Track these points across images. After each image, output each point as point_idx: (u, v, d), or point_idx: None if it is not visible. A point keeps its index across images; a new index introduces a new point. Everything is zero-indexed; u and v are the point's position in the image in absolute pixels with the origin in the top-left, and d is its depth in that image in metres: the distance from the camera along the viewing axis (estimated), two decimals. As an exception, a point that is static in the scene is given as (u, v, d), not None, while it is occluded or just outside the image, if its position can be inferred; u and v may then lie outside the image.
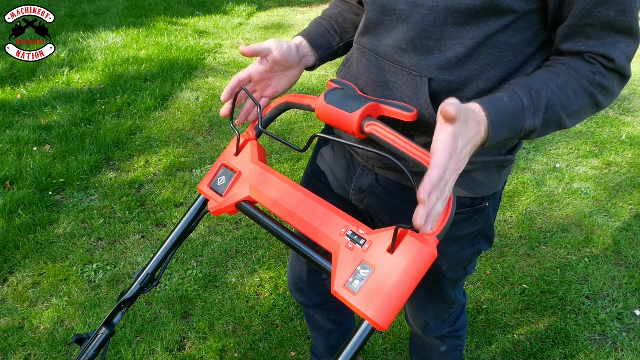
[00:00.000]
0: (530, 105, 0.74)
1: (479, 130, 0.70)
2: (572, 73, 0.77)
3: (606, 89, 0.79)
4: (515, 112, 0.74)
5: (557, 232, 2.36)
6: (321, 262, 0.82)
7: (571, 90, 0.76)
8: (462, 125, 0.66)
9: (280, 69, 0.94)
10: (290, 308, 1.94)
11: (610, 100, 0.82)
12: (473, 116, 0.69)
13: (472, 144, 0.69)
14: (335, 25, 1.04)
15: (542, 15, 0.78)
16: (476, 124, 0.69)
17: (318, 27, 1.03)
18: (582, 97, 0.78)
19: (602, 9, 0.72)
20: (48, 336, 1.78)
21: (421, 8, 0.78)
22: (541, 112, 0.75)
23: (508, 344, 1.82)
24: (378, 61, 0.88)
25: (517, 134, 0.76)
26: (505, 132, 0.74)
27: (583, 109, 0.80)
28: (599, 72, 0.77)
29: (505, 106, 0.73)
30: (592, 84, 0.77)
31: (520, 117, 0.74)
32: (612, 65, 0.76)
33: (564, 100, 0.76)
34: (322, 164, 1.12)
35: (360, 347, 0.74)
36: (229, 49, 4.60)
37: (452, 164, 0.65)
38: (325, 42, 1.02)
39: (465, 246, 1.02)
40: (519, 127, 0.75)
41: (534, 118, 0.75)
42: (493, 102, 0.73)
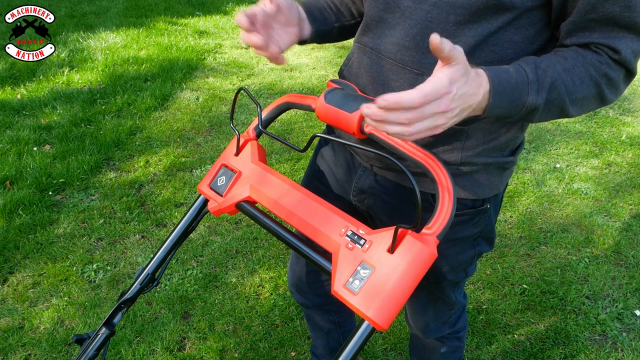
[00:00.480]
0: (534, 80, 0.73)
1: (477, 92, 0.67)
2: (580, 59, 0.75)
3: (612, 80, 0.77)
4: (518, 84, 0.72)
5: (557, 232, 2.36)
6: (321, 262, 0.82)
7: (577, 75, 0.75)
8: (461, 74, 0.63)
9: (283, 19, 0.88)
10: (290, 308, 1.94)
11: (615, 94, 0.81)
12: (474, 75, 0.66)
13: (466, 101, 0.66)
14: (332, 4, 1.02)
15: (545, 12, 0.78)
16: (476, 84, 0.67)
17: (315, 1, 1.00)
18: (588, 85, 0.76)
19: (606, 4, 0.71)
20: (48, 336, 1.78)
21: (425, 4, 0.78)
22: (544, 91, 0.73)
23: (508, 344, 1.82)
24: (380, 59, 0.87)
25: (518, 110, 0.74)
26: (505, 104, 0.72)
27: (587, 98, 0.78)
28: (605, 62, 0.75)
29: (510, 77, 0.71)
30: (598, 72, 0.76)
31: (523, 91, 0.72)
32: (617, 56, 0.75)
33: (569, 84, 0.75)
34: (322, 164, 1.12)
35: (360, 347, 0.74)
36: (229, 49, 4.60)
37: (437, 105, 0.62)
38: (322, 17, 0.99)
39: (465, 248, 1.02)
40: (521, 102, 0.73)
41: (537, 95, 0.73)
42: (498, 70, 0.71)
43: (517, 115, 0.76)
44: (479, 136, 0.87)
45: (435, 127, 0.65)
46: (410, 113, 0.62)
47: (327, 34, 1.00)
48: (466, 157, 0.87)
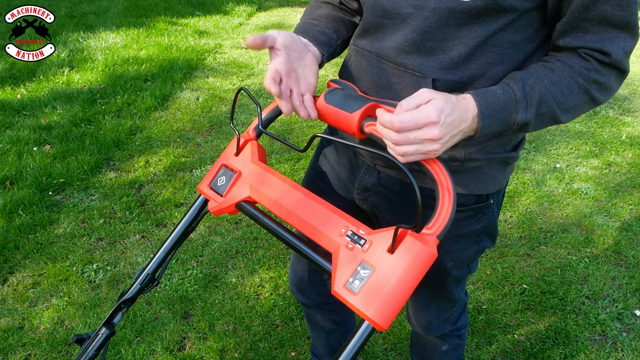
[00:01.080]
0: (522, 98, 0.75)
1: (466, 117, 0.73)
2: (567, 69, 0.77)
3: (602, 84, 0.79)
4: (507, 104, 0.75)
5: (557, 232, 2.36)
6: (321, 262, 0.82)
7: (565, 86, 0.77)
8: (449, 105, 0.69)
9: (296, 55, 0.88)
10: (290, 308, 1.94)
11: (608, 95, 0.82)
12: (463, 103, 0.72)
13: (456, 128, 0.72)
14: (328, 24, 1.00)
15: (542, 12, 0.79)
16: (463, 109, 0.72)
17: (312, 26, 0.99)
18: (577, 94, 0.78)
19: (598, 4, 0.73)
20: (48, 336, 1.78)
21: (424, 10, 0.78)
22: (533, 107, 0.76)
23: (508, 344, 1.82)
24: (380, 63, 0.88)
25: (510, 127, 0.78)
26: (496, 124, 0.76)
27: (579, 105, 0.80)
28: (593, 69, 0.77)
29: (497, 98, 0.75)
30: (586, 80, 0.78)
31: (512, 110, 0.76)
32: (608, 59, 0.76)
33: (557, 96, 0.77)
34: (324, 164, 1.12)
35: (360, 347, 0.74)
36: (229, 49, 4.60)
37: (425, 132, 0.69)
38: (327, 39, 0.98)
39: (469, 244, 1.02)
40: (511, 120, 0.76)
41: (526, 112, 0.76)
42: (485, 93, 0.75)
43: (509, 131, 0.79)
44: None
45: (428, 152, 0.71)
46: (394, 135, 0.70)
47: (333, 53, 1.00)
48: (470, 153, 0.88)
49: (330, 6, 1.03)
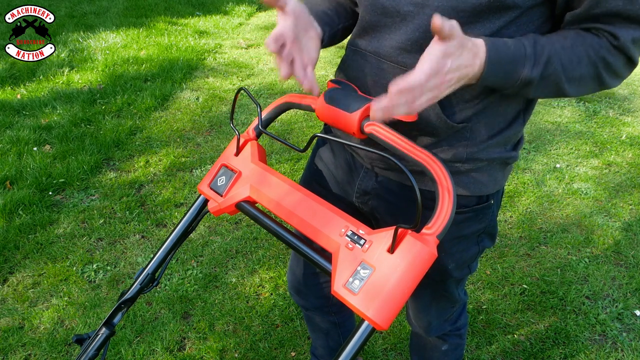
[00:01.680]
0: (532, 54, 0.75)
1: (473, 63, 0.72)
2: (579, 39, 0.77)
3: (610, 65, 0.78)
4: (515, 57, 0.74)
5: (557, 232, 2.36)
6: (321, 262, 0.82)
7: (575, 54, 0.77)
8: (456, 48, 0.68)
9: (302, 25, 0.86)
10: (290, 308, 1.94)
11: (615, 80, 0.82)
12: (471, 46, 0.70)
13: (461, 72, 0.71)
14: (331, 6, 0.99)
15: (546, 8, 0.78)
16: (472, 55, 0.71)
17: (315, 6, 0.96)
18: (586, 65, 0.78)
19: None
20: (48, 336, 1.78)
21: (427, 8, 0.78)
22: (540, 65, 0.75)
23: (508, 344, 1.82)
24: (380, 63, 0.87)
25: (513, 82, 0.77)
26: (500, 74, 0.75)
27: (584, 79, 0.79)
28: (605, 46, 0.77)
29: (507, 49, 0.74)
30: (597, 55, 0.77)
31: (519, 63, 0.75)
32: (616, 42, 0.76)
33: (565, 61, 0.76)
34: (321, 166, 1.12)
35: (360, 347, 0.74)
36: (229, 49, 4.60)
37: (435, 79, 0.68)
38: (329, 20, 0.96)
39: (470, 244, 1.02)
40: (516, 74, 0.75)
41: (533, 69, 0.75)
42: (496, 41, 0.74)
43: (511, 88, 0.78)
44: (483, 132, 0.88)
45: (434, 97, 0.71)
46: (416, 91, 0.68)
47: (334, 37, 0.99)
48: (471, 153, 0.88)
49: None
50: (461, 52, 0.69)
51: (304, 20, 0.85)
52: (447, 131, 0.86)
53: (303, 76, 0.83)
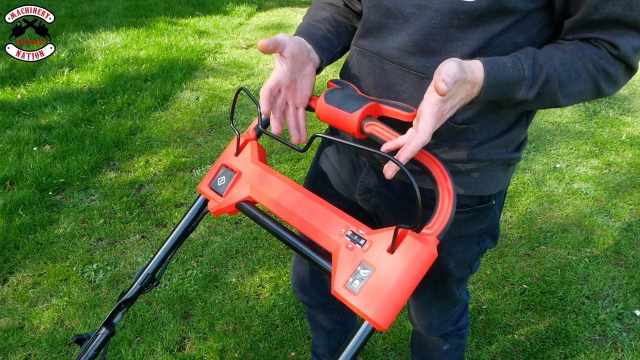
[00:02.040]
0: (530, 77, 0.75)
1: (472, 92, 0.74)
2: (579, 53, 0.77)
3: (610, 75, 0.79)
4: (513, 80, 0.75)
5: (557, 232, 2.36)
6: (321, 262, 0.82)
7: (574, 70, 0.77)
8: (455, 89, 0.70)
9: (299, 66, 0.89)
10: (290, 308, 1.94)
11: (614, 88, 0.82)
12: (470, 78, 0.71)
13: (460, 103, 0.74)
14: (331, 28, 0.99)
15: (546, 13, 0.78)
16: (470, 86, 0.73)
17: (315, 29, 0.97)
18: (585, 80, 0.78)
19: (608, 5, 0.72)
20: (48, 336, 1.78)
21: (428, 10, 0.78)
22: (537, 87, 0.76)
23: (508, 344, 1.82)
24: (382, 63, 0.87)
25: (508, 101, 0.78)
26: (496, 96, 0.76)
27: (583, 92, 0.80)
28: (604, 57, 0.77)
29: (506, 72, 0.74)
30: (596, 67, 0.77)
31: (516, 86, 0.76)
32: (616, 52, 0.76)
33: (564, 79, 0.77)
34: (325, 165, 1.12)
35: (360, 347, 0.74)
36: (229, 49, 4.60)
37: (438, 124, 0.72)
38: (328, 45, 0.97)
39: (471, 244, 1.02)
40: (512, 95, 0.77)
41: (528, 91, 0.76)
42: (496, 65, 0.74)
43: (505, 104, 0.80)
44: (484, 133, 0.88)
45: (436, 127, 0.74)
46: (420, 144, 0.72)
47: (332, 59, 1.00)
48: (473, 154, 0.89)
49: (334, 8, 1.02)
50: (459, 89, 0.71)
51: (301, 59, 0.88)
52: (448, 132, 0.86)
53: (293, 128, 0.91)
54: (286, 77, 0.87)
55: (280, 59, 0.86)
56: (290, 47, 0.85)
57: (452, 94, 0.70)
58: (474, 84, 0.72)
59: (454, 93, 0.70)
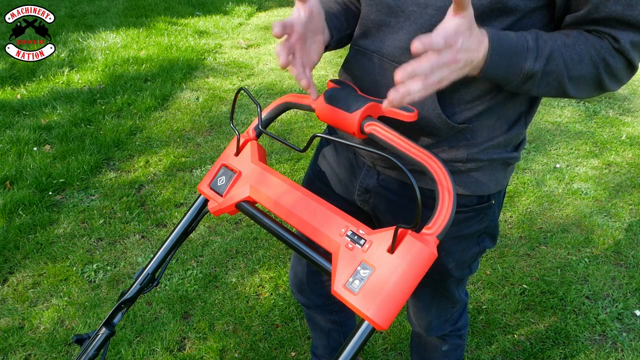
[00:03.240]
0: (534, 47, 0.74)
1: (478, 48, 0.70)
2: (582, 38, 0.77)
3: (611, 67, 0.78)
4: (518, 48, 0.74)
5: (557, 232, 2.36)
6: (321, 262, 0.82)
7: (577, 52, 0.76)
8: (466, 28, 0.66)
9: (313, 27, 0.86)
10: (290, 308, 1.94)
11: (615, 84, 0.81)
12: (477, 32, 0.69)
13: (468, 55, 0.69)
14: (342, 10, 0.99)
15: (547, 12, 0.78)
16: (478, 40, 0.70)
17: (328, 7, 0.96)
18: (587, 65, 0.77)
19: (609, 4, 0.73)
20: (48, 336, 1.78)
21: (429, 8, 0.78)
22: (543, 59, 0.75)
23: (508, 344, 1.82)
24: (382, 62, 0.87)
25: (515, 76, 0.76)
26: (503, 66, 0.74)
27: (585, 79, 0.79)
28: (606, 48, 0.77)
29: (510, 40, 0.73)
30: (598, 55, 0.77)
31: (521, 56, 0.74)
32: (617, 45, 0.76)
33: (567, 58, 0.76)
34: (324, 165, 1.12)
35: (360, 347, 0.74)
36: (229, 49, 4.60)
37: (449, 53, 0.66)
38: (339, 24, 0.95)
39: (471, 244, 1.02)
40: (518, 67, 0.75)
41: (535, 62, 0.75)
42: (499, 32, 0.73)
43: (514, 82, 0.77)
44: (483, 133, 0.88)
45: (442, 79, 0.68)
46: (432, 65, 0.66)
47: (340, 42, 0.98)
48: (472, 154, 0.88)
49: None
50: (470, 33, 0.68)
51: (317, 22, 0.85)
52: (447, 132, 0.86)
53: (302, 74, 0.81)
54: (301, 25, 0.81)
55: (299, 9, 0.82)
56: (313, 2, 0.82)
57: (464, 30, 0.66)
58: (480, 40, 0.70)
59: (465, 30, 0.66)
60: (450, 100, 0.84)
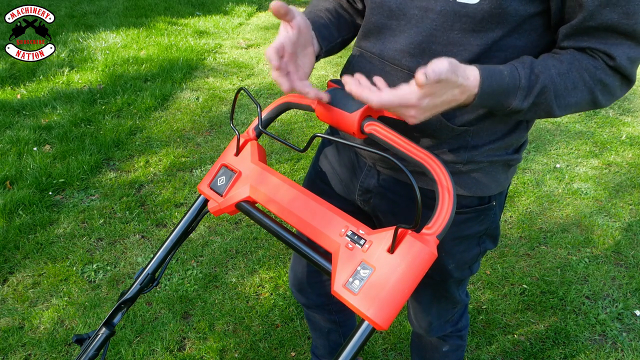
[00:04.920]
0: (525, 86, 0.75)
1: (459, 98, 0.72)
2: (576, 63, 0.76)
3: (607, 86, 0.78)
4: (508, 89, 0.74)
5: (557, 232, 2.36)
6: (321, 262, 0.82)
7: (570, 81, 0.76)
8: (438, 89, 0.68)
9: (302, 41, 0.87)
10: (290, 308, 1.94)
11: (610, 100, 0.81)
12: (461, 83, 0.69)
13: (443, 106, 0.72)
14: (332, 19, 0.99)
15: (546, 17, 0.78)
16: (459, 92, 0.71)
17: (317, 17, 0.97)
18: (581, 91, 0.77)
19: (605, 12, 0.72)
20: (48, 336, 1.78)
21: (430, 12, 0.78)
22: (532, 97, 0.75)
23: (508, 344, 1.82)
24: (383, 65, 0.87)
25: (501, 110, 0.77)
26: (490, 104, 0.76)
27: (579, 103, 0.79)
28: (601, 68, 0.76)
29: (502, 81, 0.74)
30: (593, 78, 0.76)
31: (511, 95, 0.75)
32: (612, 63, 0.75)
33: (560, 89, 0.76)
34: (325, 165, 1.12)
35: (360, 347, 0.74)
36: (229, 49, 4.60)
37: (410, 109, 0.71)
38: (329, 35, 0.96)
39: (471, 245, 1.02)
40: (506, 104, 0.76)
41: (523, 101, 0.75)
42: (493, 73, 0.73)
43: (498, 112, 0.79)
44: (484, 136, 0.88)
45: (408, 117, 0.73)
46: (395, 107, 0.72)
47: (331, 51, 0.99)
48: (472, 156, 0.89)
49: (335, 2, 1.02)
50: (444, 90, 0.69)
51: (305, 36, 0.86)
52: (448, 134, 0.86)
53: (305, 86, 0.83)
54: (290, 44, 0.83)
55: (286, 27, 0.83)
56: (298, 19, 0.83)
57: (434, 92, 0.68)
58: (464, 90, 0.71)
59: (436, 92, 0.68)
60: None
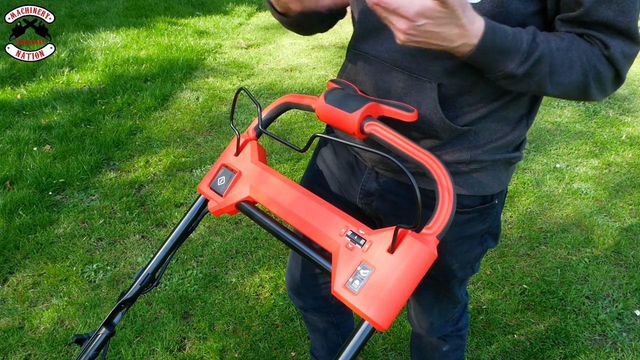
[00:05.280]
0: (525, 51, 0.73)
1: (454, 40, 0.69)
2: (575, 43, 0.76)
3: (600, 75, 0.77)
4: (509, 50, 0.73)
5: (557, 232, 2.36)
6: (321, 262, 0.82)
7: (568, 58, 0.75)
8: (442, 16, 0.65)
9: None
10: (290, 308, 1.94)
11: (600, 93, 0.81)
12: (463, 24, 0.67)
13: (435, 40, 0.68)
14: None
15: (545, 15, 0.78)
16: (458, 34, 0.68)
17: None
18: (576, 72, 0.76)
19: (601, 9, 0.72)
20: (48, 336, 1.78)
21: None
22: (528, 64, 0.74)
23: (508, 344, 1.82)
24: (383, 66, 0.87)
25: (496, 72, 0.75)
26: (485, 60, 0.73)
27: (572, 84, 0.78)
28: (597, 55, 0.76)
29: (505, 39, 0.72)
30: (589, 62, 0.76)
31: (509, 57, 0.73)
32: (607, 52, 0.75)
33: (557, 64, 0.75)
34: (322, 167, 1.12)
35: (360, 347, 0.74)
36: (229, 49, 4.60)
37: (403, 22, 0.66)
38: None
39: (474, 244, 1.02)
40: (501, 65, 0.74)
41: (519, 66, 0.74)
42: (497, 29, 0.72)
43: (492, 76, 0.76)
44: (485, 135, 0.88)
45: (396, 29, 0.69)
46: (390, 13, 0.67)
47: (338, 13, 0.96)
48: (475, 155, 0.89)
49: None
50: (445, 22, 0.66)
51: None
52: (450, 134, 0.86)
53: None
54: None
55: None
56: None
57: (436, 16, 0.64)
58: (464, 34, 0.68)
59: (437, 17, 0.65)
60: (452, 103, 0.84)
